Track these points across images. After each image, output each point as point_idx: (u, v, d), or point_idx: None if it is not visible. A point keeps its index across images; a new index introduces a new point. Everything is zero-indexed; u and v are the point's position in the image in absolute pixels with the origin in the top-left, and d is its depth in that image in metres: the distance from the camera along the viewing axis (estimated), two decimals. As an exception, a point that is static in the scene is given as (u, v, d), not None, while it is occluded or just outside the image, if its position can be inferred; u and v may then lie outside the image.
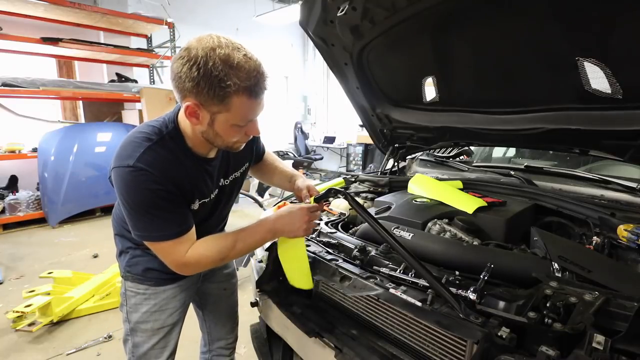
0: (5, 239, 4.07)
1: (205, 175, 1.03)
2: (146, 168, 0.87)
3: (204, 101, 0.83)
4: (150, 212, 0.90)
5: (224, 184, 1.13)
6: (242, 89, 0.82)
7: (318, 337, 1.03)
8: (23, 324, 2.33)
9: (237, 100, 0.83)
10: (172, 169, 0.92)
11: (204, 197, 1.04)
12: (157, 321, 1.16)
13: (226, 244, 0.99)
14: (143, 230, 0.94)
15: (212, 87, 0.80)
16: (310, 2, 1.30)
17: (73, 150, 4.33)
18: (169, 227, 0.93)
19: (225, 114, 0.86)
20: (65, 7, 4.07)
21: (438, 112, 1.62)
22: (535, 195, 1.41)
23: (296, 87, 8.38)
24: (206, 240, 1.00)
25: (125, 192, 0.90)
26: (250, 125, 0.92)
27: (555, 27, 1.04)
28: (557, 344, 0.65)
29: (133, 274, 1.13)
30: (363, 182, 1.87)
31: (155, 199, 0.89)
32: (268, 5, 6.44)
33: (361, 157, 7.24)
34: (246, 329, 1.52)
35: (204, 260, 0.98)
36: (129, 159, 0.88)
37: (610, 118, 1.15)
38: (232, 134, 0.91)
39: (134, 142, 0.92)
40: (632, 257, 1.01)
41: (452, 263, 1.00)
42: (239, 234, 1.01)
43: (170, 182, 0.91)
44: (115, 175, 0.91)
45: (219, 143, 0.95)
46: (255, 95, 0.85)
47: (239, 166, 1.17)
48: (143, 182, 0.88)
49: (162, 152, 0.92)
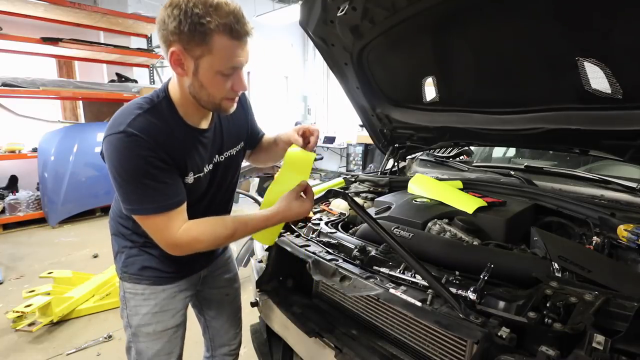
0: (5, 239, 4.07)
1: (198, 146, 1.01)
2: (137, 133, 0.85)
3: (187, 44, 0.83)
4: (141, 182, 0.88)
5: (219, 160, 1.10)
6: (222, 26, 0.81)
7: (318, 337, 1.03)
8: (23, 324, 2.33)
9: (218, 40, 0.82)
10: (164, 136, 0.90)
11: (198, 171, 1.02)
12: (160, 323, 1.13)
13: (224, 232, 0.95)
14: (134, 203, 0.90)
15: (192, 25, 0.80)
16: (310, 2, 1.30)
17: (73, 150, 4.33)
18: (161, 198, 0.90)
19: (207, 58, 0.84)
20: (65, 7, 4.07)
21: (438, 112, 1.62)
22: (535, 195, 1.41)
23: (296, 87, 8.38)
24: (203, 222, 0.96)
25: (116, 160, 0.87)
26: (235, 78, 0.90)
27: (555, 27, 1.04)
28: (557, 344, 0.65)
29: (130, 274, 1.11)
30: (363, 182, 1.87)
31: (147, 167, 0.87)
32: (268, 5, 6.44)
33: (361, 157, 7.24)
34: (246, 329, 1.51)
35: (197, 245, 0.95)
36: (120, 125, 0.86)
37: (610, 118, 1.15)
38: (216, 85, 0.89)
39: (126, 110, 0.91)
40: (632, 257, 1.01)
41: (452, 263, 1.00)
42: (239, 224, 0.97)
43: (162, 150, 0.89)
44: (107, 144, 0.89)
45: (205, 99, 0.92)
46: (237, 35, 0.84)
47: (233, 143, 1.15)
48: (134, 148, 0.85)
49: (154, 120, 0.90)
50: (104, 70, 5.54)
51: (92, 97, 4.53)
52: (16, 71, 4.19)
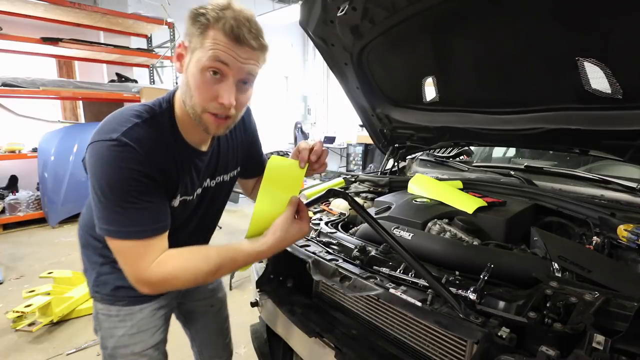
0: (5, 239, 4.08)
1: (192, 169, 0.92)
2: (131, 144, 0.75)
3: (190, 35, 0.78)
4: (125, 199, 0.76)
5: (209, 185, 1.01)
6: (220, 22, 0.74)
7: (318, 337, 1.03)
8: (23, 324, 2.34)
9: (212, 33, 0.75)
10: (160, 152, 0.81)
11: (186, 194, 0.92)
12: (138, 344, 1.03)
13: (205, 268, 0.80)
14: (112, 223, 0.77)
15: (196, 18, 0.76)
16: (310, 2, 1.30)
17: (73, 150, 4.33)
18: (144, 221, 0.78)
19: (199, 51, 0.76)
20: (65, 7, 4.08)
21: (438, 112, 1.62)
22: (535, 195, 1.41)
23: (296, 87, 8.39)
24: (180, 254, 0.81)
25: (100, 171, 0.76)
26: (222, 86, 0.78)
27: (555, 27, 1.04)
28: (557, 344, 0.65)
29: (102, 294, 1.01)
30: (363, 182, 1.87)
31: (135, 184, 0.76)
32: (268, 5, 6.45)
33: (361, 157, 7.24)
34: (246, 329, 1.51)
35: (172, 282, 0.79)
36: (112, 132, 0.76)
37: (610, 118, 1.15)
38: (200, 85, 0.78)
39: (121, 116, 0.80)
40: (632, 257, 1.01)
41: (452, 263, 1.00)
42: (226, 260, 0.81)
43: (156, 167, 0.79)
44: (92, 151, 0.77)
45: (189, 104, 0.81)
46: (234, 36, 0.75)
47: (228, 168, 1.06)
48: (125, 160, 0.75)
49: (151, 133, 0.80)
50: (104, 70, 5.54)
51: (92, 97, 4.54)
52: (16, 71, 4.20)
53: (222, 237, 4.07)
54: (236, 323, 2.40)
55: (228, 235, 4.11)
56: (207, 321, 1.31)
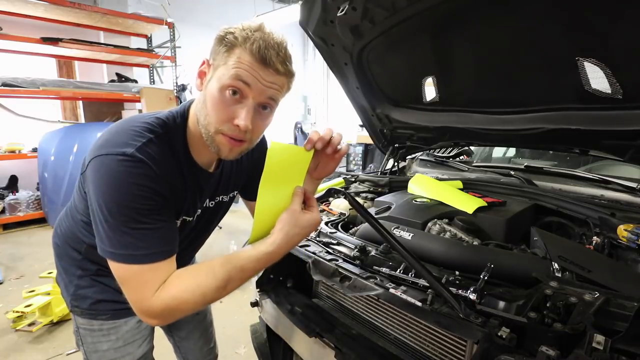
0: (5, 239, 4.08)
1: (196, 190, 0.88)
2: (147, 161, 0.70)
3: (215, 52, 0.74)
4: (136, 219, 0.69)
5: (208, 205, 0.96)
6: (248, 42, 0.70)
7: (318, 337, 1.03)
8: (23, 324, 2.33)
9: (238, 52, 0.71)
10: (172, 171, 0.77)
11: (187, 215, 0.89)
12: (125, 357, 0.99)
13: (214, 283, 0.70)
14: (119, 246, 0.69)
15: (224, 36, 0.73)
16: (310, 2, 1.30)
17: (73, 150, 4.32)
18: (155, 243, 0.71)
19: (222, 68, 0.72)
20: (65, 7, 4.07)
21: (438, 112, 1.63)
22: (535, 195, 1.41)
23: (296, 87, 8.35)
24: (182, 274, 0.73)
25: (107, 188, 0.68)
26: (239, 108, 0.73)
27: (555, 27, 1.04)
28: (557, 344, 0.65)
29: (82, 309, 0.96)
30: (363, 182, 1.87)
31: (147, 202, 0.70)
32: (268, 5, 6.45)
33: (361, 157, 7.24)
34: (246, 329, 1.51)
35: (181, 307, 0.70)
36: (125, 146, 0.70)
37: (610, 118, 1.15)
38: (216, 103, 0.73)
39: (133, 129, 0.74)
40: (632, 257, 1.01)
41: (452, 263, 1.00)
42: (233, 270, 0.72)
43: (168, 186, 0.74)
44: (99, 165, 0.70)
45: (203, 122, 0.76)
46: (260, 57, 0.71)
47: (228, 190, 1.01)
48: (138, 177, 0.69)
49: (165, 150, 0.76)
50: (104, 70, 5.54)
51: (92, 97, 4.53)
52: (16, 71, 4.19)
53: (222, 237, 4.07)
54: (236, 323, 2.41)
55: (228, 235, 4.10)
56: (191, 329, 1.29)
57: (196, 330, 1.31)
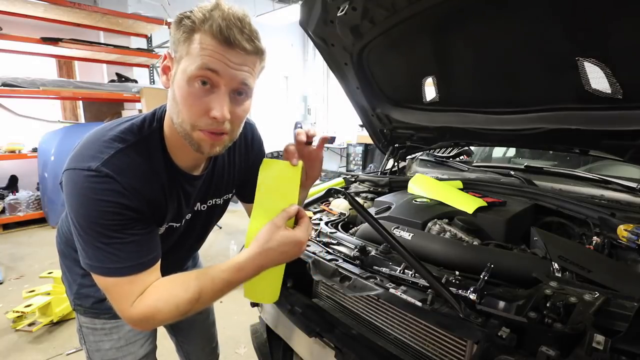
0: (5, 239, 4.08)
1: (181, 195, 0.83)
2: (113, 175, 0.67)
3: (175, 42, 0.69)
4: (106, 234, 0.68)
5: (200, 209, 0.93)
6: (207, 23, 0.65)
7: (318, 337, 1.03)
8: (23, 324, 2.34)
9: (198, 37, 0.65)
10: (147, 182, 0.73)
11: (173, 221, 0.85)
12: (127, 357, 0.99)
13: (184, 296, 0.70)
14: (93, 259, 0.70)
15: (180, 22, 0.67)
16: (310, 2, 1.31)
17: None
18: (128, 257, 0.70)
19: (185, 59, 0.67)
20: (65, 7, 4.07)
21: (438, 112, 1.62)
22: (535, 195, 1.41)
23: (296, 87, 8.38)
24: (160, 284, 0.73)
25: (77, 204, 0.68)
26: (213, 98, 0.67)
27: (555, 27, 1.04)
28: (557, 344, 0.65)
29: (84, 307, 0.96)
30: (363, 182, 1.87)
31: (117, 218, 0.68)
32: (268, 5, 6.44)
33: (361, 157, 7.24)
34: (246, 329, 1.51)
35: (156, 316, 0.70)
36: (91, 160, 0.68)
37: (610, 118, 1.15)
38: (187, 98, 0.68)
39: (102, 140, 0.71)
40: (632, 257, 1.01)
41: (452, 263, 1.00)
42: (205, 281, 0.71)
43: (142, 198, 0.71)
44: (68, 179, 0.69)
45: (177, 121, 0.72)
46: (223, 38, 0.64)
47: (221, 192, 0.97)
48: (105, 193, 0.67)
49: (137, 159, 0.72)
50: (104, 70, 5.54)
51: (92, 97, 4.53)
52: (16, 71, 4.19)
53: (222, 237, 4.07)
54: (236, 323, 2.41)
55: (228, 235, 4.11)
56: (194, 329, 1.29)
57: (199, 330, 1.31)
